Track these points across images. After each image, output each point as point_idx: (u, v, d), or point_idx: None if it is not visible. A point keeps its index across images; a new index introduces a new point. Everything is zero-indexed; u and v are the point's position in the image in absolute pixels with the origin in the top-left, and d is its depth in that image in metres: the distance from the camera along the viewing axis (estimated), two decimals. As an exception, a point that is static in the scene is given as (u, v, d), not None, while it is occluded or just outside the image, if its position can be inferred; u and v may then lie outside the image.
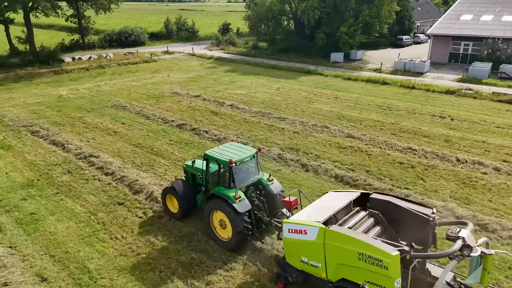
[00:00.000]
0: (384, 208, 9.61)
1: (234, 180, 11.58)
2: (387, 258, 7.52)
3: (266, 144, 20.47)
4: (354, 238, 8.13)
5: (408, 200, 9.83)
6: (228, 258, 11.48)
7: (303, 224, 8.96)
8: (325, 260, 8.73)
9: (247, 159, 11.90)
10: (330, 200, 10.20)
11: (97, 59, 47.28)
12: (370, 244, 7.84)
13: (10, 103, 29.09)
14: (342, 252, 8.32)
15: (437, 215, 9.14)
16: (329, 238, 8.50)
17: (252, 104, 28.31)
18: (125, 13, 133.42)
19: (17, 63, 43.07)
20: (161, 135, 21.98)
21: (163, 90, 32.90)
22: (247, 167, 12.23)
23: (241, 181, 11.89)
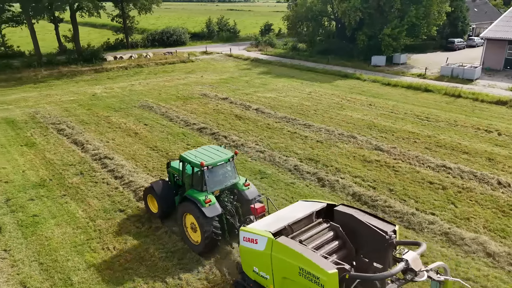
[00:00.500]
0: (348, 222, 8.91)
1: (206, 183, 11.42)
2: (323, 276, 7.09)
3: (285, 153, 19.31)
4: (296, 252, 7.66)
5: (372, 215, 8.97)
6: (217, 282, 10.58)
7: (255, 233, 8.55)
8: (272, 272, 8.33)
9: (221, 163, 11.72)
10: (294, 209, 9.61)
11: (137, 58, 48.36)
12: (310, 260, 7.38)
13: (47, 100, 30.20)
14: (285, 266, 7.94)
15: (394, 234, 8.16)
16: (275, 249, 8.09)
17: (279, 108, 27.19)
18: (175, 13, 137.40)
19: (63, 61, 45.02)
20: (180, 138, 21.54)
21: (193, 91, 32.68)
22: (221, 171, 11.96)
23: (214, 185, 11.71)
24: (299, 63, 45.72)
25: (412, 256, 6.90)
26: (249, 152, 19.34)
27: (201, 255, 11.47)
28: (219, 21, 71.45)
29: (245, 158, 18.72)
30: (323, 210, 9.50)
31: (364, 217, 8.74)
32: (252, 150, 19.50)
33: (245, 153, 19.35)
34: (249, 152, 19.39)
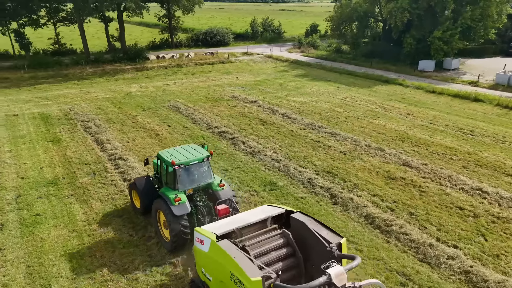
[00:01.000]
0: (300, 230, 8.72)
1: (177, 182, 11.63)
2: (247, 283, 7.07)
3: (303, 163, 18.13)
4: (229, 256, 7.63)
5: (323, 225, 8.67)
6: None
7: (203, 234, 8.55)
8: (213, 274, 8.40)
9: (194, 162, 11.83)
10: (252, 213, 9.50)
11: (178, 58, 49.08)
12: (238, 265, 7.35)
13: (84, 97, 31.29)
14: (221, 269, 8.00)
15: (335, 247, 7.90)
16: (215, 252, 8.09)
17: (308, 114, 25.91)
18: (228, 13, 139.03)
19: (109, 59, 46.77)
20: (197, 142, 21.08)
21: (224, 93, 32.27)
22: (195, 170, 12.06)
23: (186, 184, 11.86)
24: (339, 66, 43.82)
25: (336, 270, 6.69)
26: (264, 161, 18.40)
27: (170, 252, 11.62)
28: (264, 21, 70.87)
29: (258, 167, 17.81)
30: (282, 216, 9.25)
31: (315, 226, 8.49)
32: (268, 159, 18.52)
33: (260, 161, 18.43)
34: (264, 160, 18.45)
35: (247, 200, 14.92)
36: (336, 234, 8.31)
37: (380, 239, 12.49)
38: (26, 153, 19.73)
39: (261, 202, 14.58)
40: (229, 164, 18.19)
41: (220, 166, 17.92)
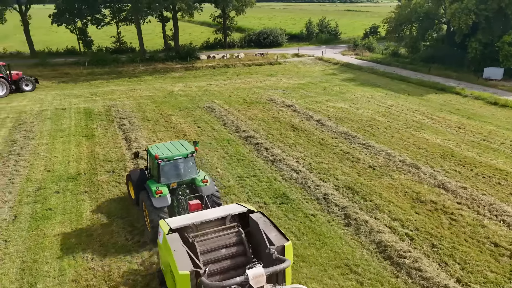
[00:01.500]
0: (255, 230, 8.64)
1: (161, 175, 12.16)
2: (176, 275, 7.32)
3: (324, 176, 16.87)
4: (169, 249, 7.82)
5: (275, 226, 8.53)
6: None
7: (161, 227, 8.81)
8: (164, 265, 8.70)
9: (177, 157, 12.32)
10: (216, 210, 9.62)
11: (227, 58, 49.36)
12: (173, 258, 7.57)
13: (129, 94, 32.47)
14: (166, 261, 8.31)
15: (273, 249, 7.74)
16: (164, 244, 8.31)
17: (344, 122, 24.34)
18: (292, 13, 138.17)
19: (162, 57, 48.39)
20: (222, 145, 20.66)
21: (263, 95, 31.62)
22: (179, 165, 12.50)
23: (170, 178, 12.37)
24: (393, 71, 41.02)
25: (255, 272, 6.69)
26: (283, 170, 17.42)
27: (152, 242, 11.82)
28: (320, 22, 68.97)
29: (275, 177, 16.89)
30: (244, 215, 9.24)
31: (266, 227, 8.45)
32: (287, 169, 17.52)
33: (278, 170, 17.49)
34: (283, 170, 17.47)
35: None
36: (283, 237, 8.18)
37: (389, 272, 11.01)
38: (60, 146, 20.71)
39: (267, 216, 13.71)
40: (245, 171, 17.50)
41: (236, 173, 17.30)
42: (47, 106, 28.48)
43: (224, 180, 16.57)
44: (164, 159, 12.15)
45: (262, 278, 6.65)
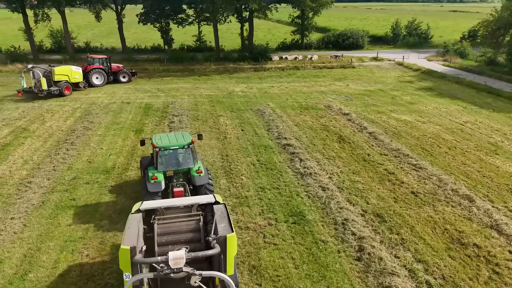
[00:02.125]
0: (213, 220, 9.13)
1: (158, 163, 13.11)
2: (120, 250, 7.74)
3: (353, 198, 15.07)
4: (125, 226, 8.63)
5: (228, 217, 8.83)
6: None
7: (133, 208, 9.58)
8: None
9: (174, 147, 13.18)
10: (187, 198, 10.24)
11: (299, 60, 48.18)
12: (123, 234, 8.31)
13: (192, 92, 33.41)
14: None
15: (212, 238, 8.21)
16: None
17: (401, 137, 21.73)
18: (386, 13, 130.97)
19: (235, 57, 49.16)
20: (256, 152, 19.87)
21: (322, 101, 29.97)
22: (176, 155, 13.45)
23: (166, 166, 13.25)
24: (483, 81, 35.83)
25: (176, 254, 7.12)
26: (310, 186, 16.01)
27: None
28: (409, 24, 63.57)
29: (298, 192, 15.60)
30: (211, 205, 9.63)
31: (220, 218, 8.81)
32: (315, 184, 16.06)
33: (305, 185, 16.12)
34: (309, 185, 16.07)
35: (259, 228, 13.12)
36: (230, 228, 8.43)
37: (387, 327, 9.21)
38: (110, 139, 21.97)
39: (273, 236, 12.66)
40: (270, 182, 16.49)
41: (259, 183, 16.40)
42: (116, 99, 30.65)
43: (243, 189, 15.82)
44: (162, 148, 13.11)
45: (181, 260, 7.11)
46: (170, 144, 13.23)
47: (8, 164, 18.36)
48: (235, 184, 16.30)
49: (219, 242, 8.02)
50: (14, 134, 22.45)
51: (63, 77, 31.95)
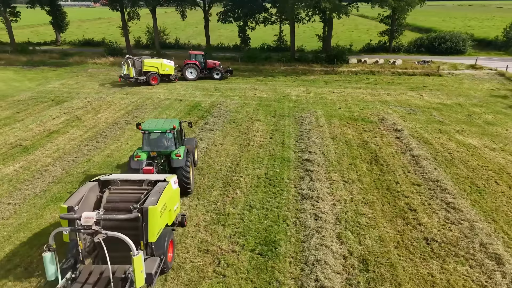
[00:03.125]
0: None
1: (143, 143, 14.85)
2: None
3: (348, 235, 12.66)
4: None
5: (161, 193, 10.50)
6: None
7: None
8: None
9: (157, 131, 14.56)
10: (143, 176, 11.94)
11: (379, 64, 43.99)
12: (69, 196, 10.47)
13: (245, 93, 32.76)
14: None
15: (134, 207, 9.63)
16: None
17: (451, 166, 17.90)
18: (500, 13, 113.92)
19: (309, 58, 47.05)
20: (269, 164, 18.23)
21: (379, 112, 26.63)
22: (159, 138, 14.76)
23: (149, 147, 14.76)
24: None
25: (87, 214, 8.80)
26: (303, 212, 13.94)
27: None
28: (530, 26, 53.26)
29: (286, 217, 13.69)
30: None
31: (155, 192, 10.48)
32: (310, 211, 13.93)
33: (298, 211, 14.10)
34: (303, 211, 13.98)
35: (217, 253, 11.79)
36: (156, 202, 9.86)
37: None
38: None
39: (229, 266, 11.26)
40: (263, 201, 14.88)
41: (251, 200, 14.93)
42: (173, 96, 31.66)
43: (230, 206, 14.55)
44: (146, 131, 14.62)
45: (90, 219, 8.71)
46: (154, 128, 14.62)
47: (42, 150, 20.10)
48: (225, 198, 15.14)
49: (142, 212, 9.60)
50: (67, 122, 24.63)
51: (152, 68, 35.31)
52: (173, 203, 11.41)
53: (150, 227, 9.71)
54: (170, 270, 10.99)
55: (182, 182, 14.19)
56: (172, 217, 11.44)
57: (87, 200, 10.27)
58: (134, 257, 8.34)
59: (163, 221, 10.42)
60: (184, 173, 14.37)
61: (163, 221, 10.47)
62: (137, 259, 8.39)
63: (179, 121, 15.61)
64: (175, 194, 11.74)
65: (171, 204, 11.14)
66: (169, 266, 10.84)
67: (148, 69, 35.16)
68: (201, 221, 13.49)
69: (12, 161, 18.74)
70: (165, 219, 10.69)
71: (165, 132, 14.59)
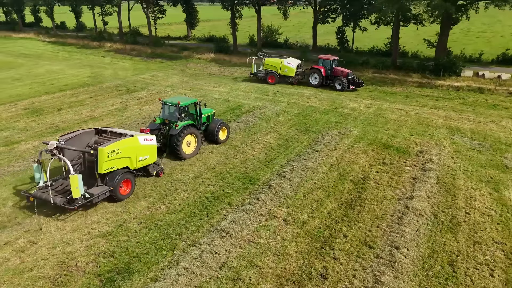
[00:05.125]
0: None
1: (160, 112, 19.62)
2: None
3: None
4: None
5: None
6: None
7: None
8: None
9: (169, 104, 18.89)
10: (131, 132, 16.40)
11: (503, 79, 34.61)
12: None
13: (297, 100, 30.12)
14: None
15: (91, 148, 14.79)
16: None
17: (447, 233, 12.92)
18: None
19: (413, 67, 40.50)
20: (229, 183, 16.45)
21: (427, 142, 21.10)
22: (170, 110, 18.96)
23: (163, 115, 19.24)
24: None
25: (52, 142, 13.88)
26: (186, 253, 12.16)
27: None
28: None
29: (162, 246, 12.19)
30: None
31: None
32: (199, 253, 12.08)
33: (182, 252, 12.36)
34: (186, 254, 12.20)
35: None
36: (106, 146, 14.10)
37: None
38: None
39: None
40: (177, 221, 13.60)
41: (167, 217, 13.80)
42: (227, 96, 31.67)
43: (140, 221, 13.78)
44: (163, 102, 19.22)
45: (52, 145, 13.72)
46: (167, 101, 18.95)
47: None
48: (151, 209, 14.43)
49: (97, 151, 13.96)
50: (115, 112, 27.27)
51: (271, 67, 35.38)
52: (136, 154, 15.26)
53: (99, 163, 13.95)
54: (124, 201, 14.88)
55: (173, 148, 18.19)
56: (134, 164, 15.34)
57: (80, 138, 15.21)
58: (70, 175, 12.99)
59: (116, 163, 14.44)
60: (175, 141, 17.99)
61: (117, 163, 14.47)
62: (73, 178, 12.93)
63: (195, 101, 19.47)
64: (143, 148, 15.50)
65: (132, 154, 15.03)
66: (120, 198, 14.76)
67: (267, 67, 35.32)
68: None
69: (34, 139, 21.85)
70: (121, 162, 14.63)
71: (173, 106, 18.47)
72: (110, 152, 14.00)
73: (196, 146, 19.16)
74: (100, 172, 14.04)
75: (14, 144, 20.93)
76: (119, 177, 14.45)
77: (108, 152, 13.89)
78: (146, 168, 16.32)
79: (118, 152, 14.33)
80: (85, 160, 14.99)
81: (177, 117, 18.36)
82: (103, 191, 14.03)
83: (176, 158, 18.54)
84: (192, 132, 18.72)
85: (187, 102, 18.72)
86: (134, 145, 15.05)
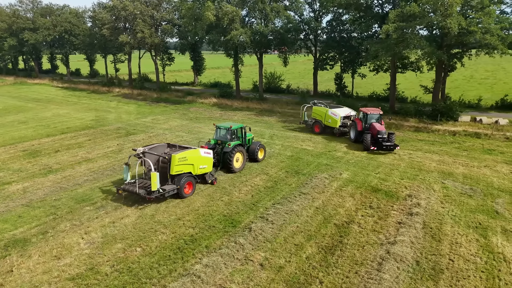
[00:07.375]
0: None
1: (215, 134, 24.07)
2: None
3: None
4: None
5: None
6: None
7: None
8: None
9: (222, 128, 23.43)
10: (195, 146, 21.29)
11: (501, 125, 34.54)
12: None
13: (291, 144, 30.38)
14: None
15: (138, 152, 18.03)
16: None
17: (429, 281, 12.32)
18: None
19: (411, 111, 40.66)
20: (209, 225, 16.22)
21: (417, 186, 20.73)
22: (222, 132, 23.43)
23: (217, 137, 23.65)
24: None
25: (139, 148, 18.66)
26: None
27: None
28: None
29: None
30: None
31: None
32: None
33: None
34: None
35: None
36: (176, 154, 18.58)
37: None
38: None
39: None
40: (141, 266, 13.32)
41: (133, 260, 13.54)
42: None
43: (107, 262, 13.54)
44: (217, 126, 23.73)
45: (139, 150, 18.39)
46: (221, 125, 23.45)
47: (56, 175, 23.11)
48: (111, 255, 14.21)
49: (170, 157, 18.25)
50: (109, 154, 27.72)
51: (318, 116, 34.24)
52: (198, 163, 19.51)
53: (171, 166, 18.24)
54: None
55: (226, 162, 22.38)
56: (196, 171, 19.48)
57: (156, 149, 19.67)
58: (152, 172, 17.17)
59: (183, 168, 18.66)
60: (228, 157, 22.17)
61: (183, 168, 18.68)
62: (153, 174, 17.13)
63: (242, 126, 23.82)
64: (203, 159, 19.81)
65: (195, 162, 19.33)
66: (184, 196, 18.76)
67: (315, 116, 34.54)
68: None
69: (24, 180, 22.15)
70: (186, 168, 18.86)
71: (225, 129, 23.06)
72: (180, 159, 18.36)
73: (243, 162, 23.28)
74: (171, 173, 18.28)
75: (5, 185, 21.23)
76: (184, 179, 18.60)
77: (178, 158, 18.27)
78: (204, 176, 20.46)
79: (185, 159, 18.66)
80: (159, 164, 18.85)
81: (229, 138, 22.82)
82: (173, 188, 18.11)
83: (228, 171, 22.71)
84: (241, 150, 22.96)
85: (236, 126, 23.32)
86: (197, 155, 19.46)
